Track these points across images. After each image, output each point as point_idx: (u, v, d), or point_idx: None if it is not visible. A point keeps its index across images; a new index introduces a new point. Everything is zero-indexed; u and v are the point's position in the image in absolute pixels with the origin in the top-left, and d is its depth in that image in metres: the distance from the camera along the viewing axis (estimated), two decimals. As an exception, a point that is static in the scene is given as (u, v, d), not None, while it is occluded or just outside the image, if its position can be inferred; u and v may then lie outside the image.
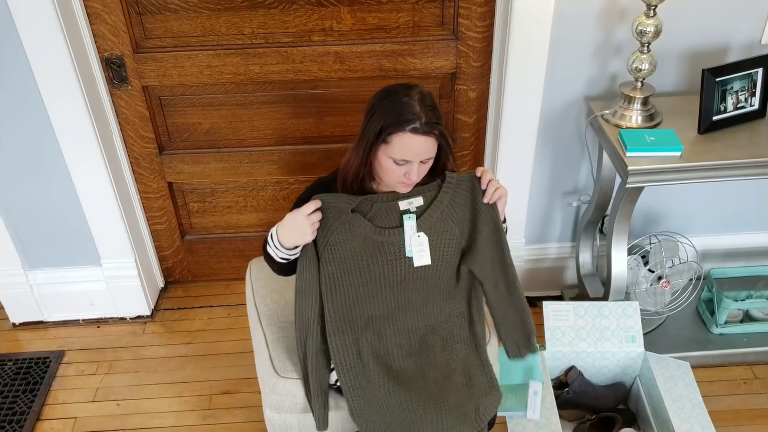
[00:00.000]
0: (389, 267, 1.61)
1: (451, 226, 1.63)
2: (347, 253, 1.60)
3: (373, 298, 1.64)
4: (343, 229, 1.59)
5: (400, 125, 1.49)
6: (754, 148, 1.93)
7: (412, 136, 1.50)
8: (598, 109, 2.08)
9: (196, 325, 2.54)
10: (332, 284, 1.63)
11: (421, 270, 1.62)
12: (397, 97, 1.52)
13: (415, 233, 1.60)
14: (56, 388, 2.32)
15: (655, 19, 1.86)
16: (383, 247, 1.60)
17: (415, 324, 1.67)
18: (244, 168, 2.40)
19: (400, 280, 1.63)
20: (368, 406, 1.63)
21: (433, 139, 1.53)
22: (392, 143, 1.52)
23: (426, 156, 1.55)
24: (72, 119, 2.11)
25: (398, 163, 1.54)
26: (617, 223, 2.08)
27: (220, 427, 2.19)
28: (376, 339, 1.66)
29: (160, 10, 2.05)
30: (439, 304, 1.68)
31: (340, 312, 1.64)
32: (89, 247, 2.41)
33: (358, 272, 1.62)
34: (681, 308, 2.32)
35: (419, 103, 1.51)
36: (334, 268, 1.62)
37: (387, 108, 1.52)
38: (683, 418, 1.88)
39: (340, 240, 1.60)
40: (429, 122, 1.50)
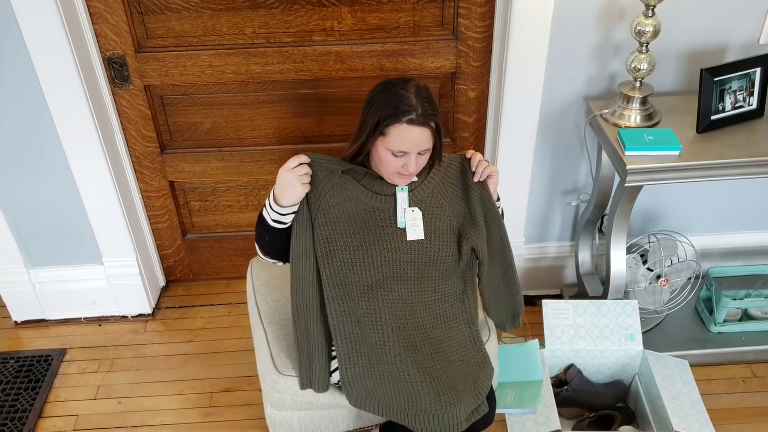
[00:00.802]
0: (382, 233, 1.65)
1: (443, 204, 1.68)
2: (341, 216, 1.64)
3: (368, 263, 1.65)
4: (336, 192, 1.63)
5: (396, 117, 1.52)
6: (752, 147, 1.94)
7: (409, 127, 1.53)
8: (597, 108, 2.09)
9: (197, 324, 2.55)
10: (327, 248, 1.65)
11: (416, 243, 1.66)
12: (394, 89, 1.55)
13: (409, 207, 1.64)
14: (58, 386, 2.33)
15: (653, 19, 1.87)
16: (376, 212, 1.64)
17: (409, 297, 1.68)
18: (245, 167, 2.41)
19: (394, 248, 1.65)
20: (364, 373, 1.65)
21: (429, 131, 1.55)
22: (389, 135, 1.55)
23: (423, 147, 1.57)
24: (74, 118, 2.12)
25: (396, 155, 1.57)
26: (616, 222, 2.09)
27: (221, 424, 2.20)
28: (372, 307, 1.67)
29: (162, 9, 2.07)
30: (435, 281, 1.70)
31: (336, 277, 1.66)
32: (91, 245, 2.42)
33: (352, 234, 1.64)
34: (680, 307, 2.33)
35: (415, 95, 1.54)
36: (328, 231, 1.64)
37: (384, 100, 1.55)
38: (682, 416, 1.88)
39: (333, 203, 1.63)
40: (425, 113, 1.53)
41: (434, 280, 1.69)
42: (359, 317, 1.67)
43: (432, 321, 1.70)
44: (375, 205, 1.65)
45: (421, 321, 1.69)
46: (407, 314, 1.69)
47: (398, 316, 1.68)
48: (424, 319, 1.70)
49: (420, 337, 1.68)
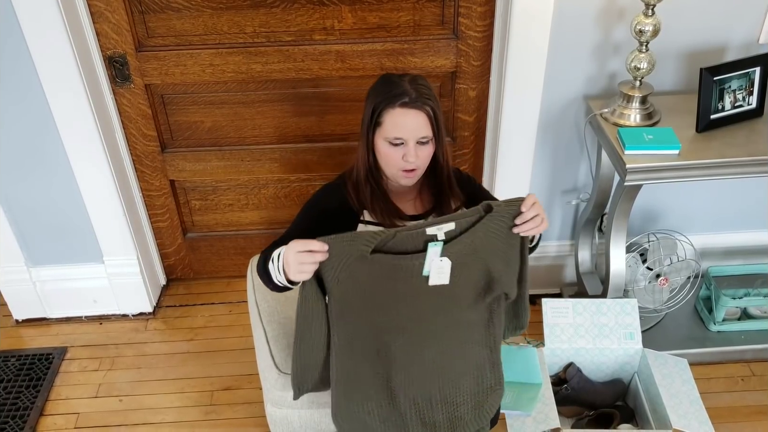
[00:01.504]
0: (402, 283, 1.45)
1: (477, 250, 1.46)
2: (360, 277, 1.43)
3: (383, 310, 1.49)
4: (358, 264, 1.41)
5: (389, 101, 1.49)
6: (751, 147, 1.94)
7: (402, 111, 1.49)
8: (597, 107, 2.09)
9: (197, 322, 2.56)
10: (342, 310, 1.47)
11: (438, 287, 1.47)
12: (390, 78, 1.55)
13: (438, 257, 1.42)
14: (59, 384, 2.34)
15: (653, 18, 1.88)
16: (402, 269, 1.43)
17: (425, 329, 1.52)
18: (245, 166, 2.41)
19: (414, 294, 1.47)
20: (359, 408, 1.55)
21: (424, 114, 1.50)
22: (384, 123, 1.51)
23: (420, 133, 1.50)
24: (75, 117, 2.12)
25: (393, 144, 1.51)
26: (616, 221, 2.09)
27: (221, 422, 2.21)
28: (381, 342, 1.51)
29: (163, 9, 2.07)
30: (457, 313, 1.53)
31: (345, 331, 1.50)
32: (92, 244, 2.42)
33: (371, 292, 1.46)
34: (679, 306, 2.33)
35: (409, 82, 1.52)
36: (342, 291, 1.45)
37: (378, 90, 1.54)
38: (681, 414, 1.89)
39: (350, 274, 1.42)
40: (419, 97, 1.49)
41: (456, 312, 1.53)
42: (364, 352, 1.52)
43: (449, 346, 1.55)
44: (401, 263, 1.43)
45: (437, 348, 1.54)
46: (421, 344, 1.53)
47: (409, 348, 1.53)
48: (441, 346, 1.54)
49: (433, 366, 1.54)
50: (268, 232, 2.59)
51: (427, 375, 1.54)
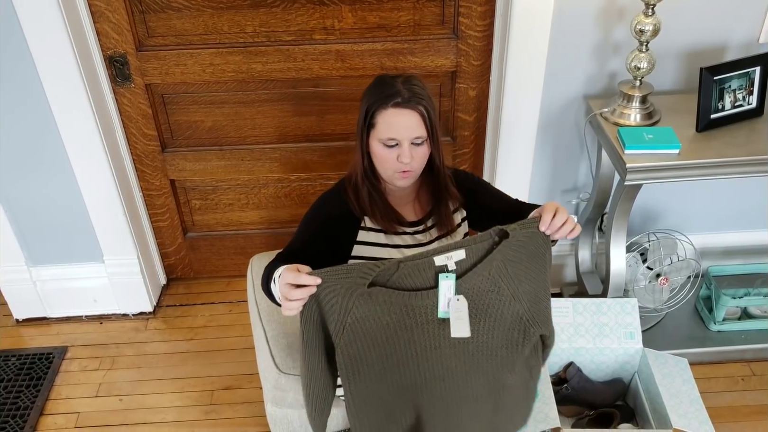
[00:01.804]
0: (421, 330, 1.33)
1: (501, 287, 1.32)
2: (371, 326, 1.31)
3: (403, 368, 1.37)
4: (362, 302, 1.29)
5: (381, 102, 1.48)
6: (751, 146, 1.94)
7: (395, 111, 1.47)
8: (597, 107, 2.09)
9: (197, 322, 2.56)
10: (354, 365, 1.35)
11: (462, 340, 1.34)
12: (383, 80, 1.54)
13: (453, 295, 1.28)
14: (59, 384, 2.34)
15: (653, 18, 1.88)
16: (415, 310, 1.31)
17: (456, 394, 1.41)
18: (245, 166, 2.41)
19: (434, 346, 1.35)
20: None
21: (417, 115, 1.48)
22: (378, 124, 1.50)
23: (414, 133, 1.49)
24: (75, 116, 2.12)
25: (387, 145, 1.50)
26: (616, 220, 2.09)
27: (221, 422, 2.21)
28: (407, 408, 1.42)
29: (163, 8, 2.07)
30: (491, 374, 1.41)
31: (363, 395, 1.40)
32: (92, 243, 2.42)
33: (385, 342, 1.34)
34: (679, 305, 2.33)
35: (402, 82, 1.50)
36: (357, 348, 1.33)
37: (370, 92, 1.53)
38: (681, 414, 1.89)
39: (360, 316, 1.29)
40: (412, 97, 1.48)
41: (490, 372, 1.40)
42: (386, 415, 1.43)
43: (484, 409, 1.46)
44: (413, 303, 1.31)
45: (470, 411, 1.44)
46: (448, 408, 1.42)
47: (436, 413, 1.43)
48: (474, 409, 1.44)
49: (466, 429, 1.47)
50: (269, 232, 2.60)
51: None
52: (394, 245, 1.61)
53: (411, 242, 1.63)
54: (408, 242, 1.63)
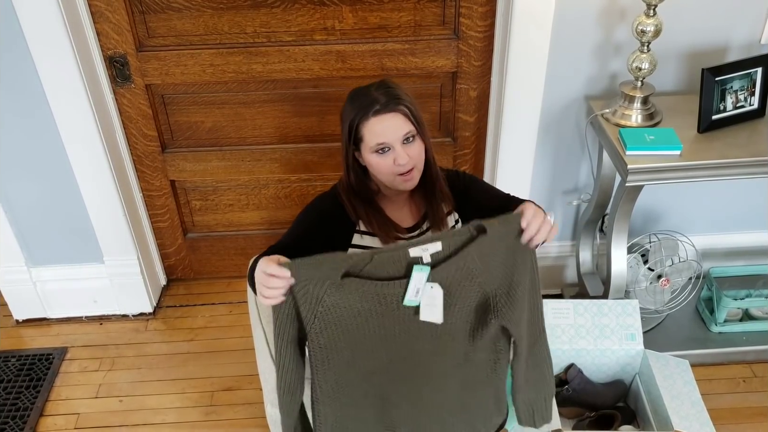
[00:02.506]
0: (390, 318, 1.34)
1: (473, 276, 1.33)
2: (342, 315, 1.32)
3: (371, 353, 1.38)
4: (333, 290, 1.29)
5: (361, 114, 1.47)
6: (753, 147, 1.94)
7: (377, 119, 1.46)
8: (599, 108, 2.09)
9: (198, 323, 2.56)
10: (325, 354, 1.37)
11: (430, 324, 1.35)
12: (356, 94, 1.51)
13: (427, 283, 1.29)
14: (59, 385, 2.33)
15: (655, 18, 1.87)
16: (386, 298, 1.32)
17: (424, 372, 1.44)
18: (246, 166, 2.41)
19: (403, 330, 1.36)
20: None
21: (400, 114, 1.46)
22: (364, 136, 1.48)
23: (402, 132, 1.47)
24: (75, 117, 2.12)
25: (380, 152, 1.48)
26: (617, 221, 2.09)
27: (222, 423, 2.20)
28: (374, 389, 1.44)
29: (164, 9, 2.07)
30: (458, 351, 1.43)
31: (332, 381, 1.41)
32: (92, 244, 2.42)
33: (355, 329, 1.35)
34: (680, 307, 2.33)
35: (375, 88, 1.49)
36: (326, 337, 1.34)
37: (348, 108, 1.51)
38: (682, 415, 1.88)
39: (332, 303, 1.30)
40: (389, 100, 1.46)
41: (457, 351, 1.43)
42: (354, 399, 1.45)
43: (450, 390, 1.48)
44: (384, 291, 1.31)
45: (437, 392, 1.47)
46: (418, 389, 1.46)
47: (405, 393, 1.46)
48: (441, 390, 1.47)
49: (432, 408, 1.49)
50: (269, 233, 2.59)
51: (426, 415, 1.49)
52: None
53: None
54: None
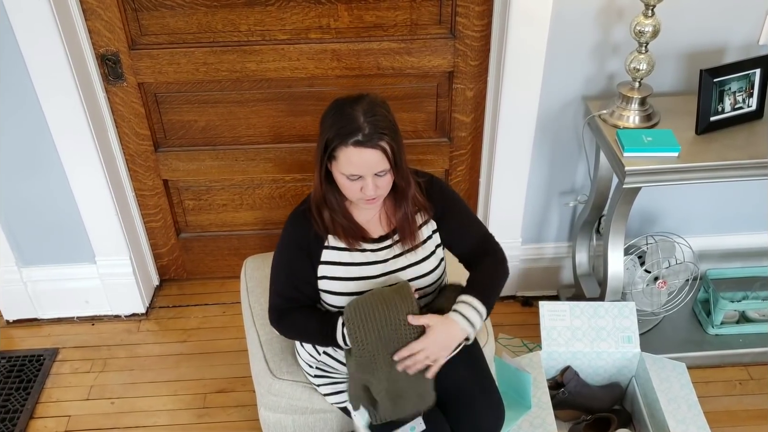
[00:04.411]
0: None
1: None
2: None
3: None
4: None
5: (342, 139, 1.44)
6: (751, 149, 1.93)
7: (355, 150, 1.43)
8: (596, 108, 2.07)
9: (191, 324, 2.53)
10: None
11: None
12: (342, 108, 1.46)
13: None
14: (50, 386, 2.31)
15: (653, 19, 1.86)
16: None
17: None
18: (239, 166, 2.39)
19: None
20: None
21: (379, 152, 1.45)
22: (339, 158, 1.46)
23: (377, 169, 1.47)
24: (67, 116, 2.09)
25: (351, 179, 1.48)
26: (614, 223, 2.07)
27: (214, 425, 2.18)
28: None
29: (156, 6, 2.04)
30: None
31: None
32: (84, 244, 2.40)
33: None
34: (677, 309, 2.32)
35: (364, 113, 1.44)
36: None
37: (331, 121, 1.47)
38: (679, 418, 1.87)
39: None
40: (373, 134, 1.43)
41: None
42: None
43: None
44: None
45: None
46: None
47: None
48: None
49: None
50: (263, 233, 2.57)
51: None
52: (358, 263, 1.61)
53: (374, 259, 1.62)
54: (371, 259, 1.62)
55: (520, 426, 1.89)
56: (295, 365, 1.80)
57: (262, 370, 1.80)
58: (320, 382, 1.75)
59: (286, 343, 1.84)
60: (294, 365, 1.80)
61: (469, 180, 2.47)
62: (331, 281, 1.61)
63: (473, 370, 1.74)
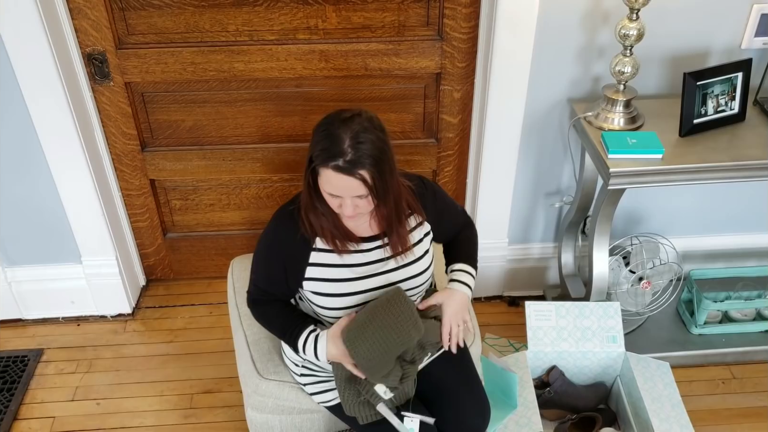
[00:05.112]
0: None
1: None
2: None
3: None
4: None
5: (323, 161, 1.43)
6: (733, 151, 1.95)
7: (335, 174, 1.42)
8: (581, 110, 2.09)
9: (177, 324, 2.53)
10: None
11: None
12: (332, 127, 1.44)
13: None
14: (34, 387, 2.29)
15: (637, 22, 1.88)
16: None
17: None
18: (227, 165, 2.38)
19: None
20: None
21: (358, 181, 1.42)
22: (321, 176, 1.46)
23: (355, 193, 1.45)
24: (53, 115, 2.08)
25: (331, 195, 1.47)
26: (599, 224, 2.09)
27: (201, 426, 2.18)
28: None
29: (144, 6, 2.04)
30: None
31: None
32: (70, 244, 2.38)
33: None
34: (661, 309, 2.34)
35: (352, 137, 1.41)
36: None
37: (318, 138, 1.45)
38: (662, 417, 1.89)
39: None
40: (355, 161, 1.40)
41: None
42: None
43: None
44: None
45: None
46: None
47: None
48: None
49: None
50: (250, 233, 2.57)
51: None
52: (347, 265, 1.61)
53: (363, 260, 1.62)
54: (360, 261, 1.61)
55: (506, 425, 1.90)
56: (281, 365, 1.80)
57: (249, 371, 1.80)
58: (306, 381, 1.75)
59: (273, 343, 1.84)
60: (281, 365, 1.80)
61: (456, 181, 2.48)
62: (321, 282, 1.61)
63: (459, 369, 1.75)
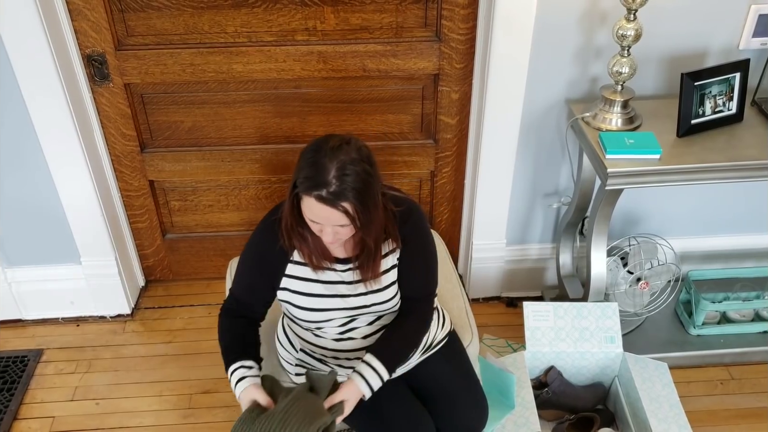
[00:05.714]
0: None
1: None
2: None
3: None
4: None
5: (306, 189, 1.41)
6: (731, 152, 1.95)
7: (316, 203, 1.40)
8: (579, 111, 2.09)
9: (176, 324, 2.53)
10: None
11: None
12: (319, 155, 1.41)
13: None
14: (34, 387, 2.30)
15: (635, 23, 1.88)
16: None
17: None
18: (226, 167, 2.39)
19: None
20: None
21: (339, 212, 1.41)
22: (303, 201, 1.44)
23: (336, 223, 1.44)
24: (53, 116, 2.09)
25: (312, 220, 1.46)
26: (597, 224, 2.09)
27: (200, 426, 2.18)
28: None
29: (143, 7, 2.04)
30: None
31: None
32: (69, 245, 2.39)
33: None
34: (659, 309, 2.34)
35: (338, 168, 1.38)
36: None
37: (303, 164, 1.43)
38: (660, 418, 1.90)
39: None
40: (338, 193, 1.38)
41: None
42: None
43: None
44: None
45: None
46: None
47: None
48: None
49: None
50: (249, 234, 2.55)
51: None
52: (321, 281, 1.61)
53: (336, 279, 1.61)
54: (333, 278, 1.61)
55: (504, 425, 1.90)
56: (278, 365, 1.80)
57: (247, 370, 1.79)
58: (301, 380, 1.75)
59: (270, 343, 1.85)
60: (277, 365, 1.81)
61: (454, 181, 2.48)
62: (293, 294, 1.61)
63: (457, 369, 1.76)
